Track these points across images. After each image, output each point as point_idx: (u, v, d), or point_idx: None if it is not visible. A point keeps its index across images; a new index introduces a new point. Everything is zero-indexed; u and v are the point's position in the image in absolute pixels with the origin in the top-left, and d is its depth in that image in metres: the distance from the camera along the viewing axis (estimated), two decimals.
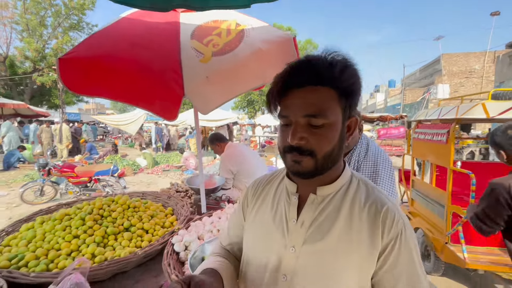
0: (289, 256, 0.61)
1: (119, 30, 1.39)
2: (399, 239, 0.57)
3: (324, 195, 0.63)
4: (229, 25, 1.45)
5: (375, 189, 0.65)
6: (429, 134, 3.03)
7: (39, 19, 16.40)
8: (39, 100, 18.71)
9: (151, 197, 2.19)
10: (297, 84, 0.56)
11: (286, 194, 0.69)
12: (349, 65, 0.57)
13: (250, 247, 0.71)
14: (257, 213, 0.72)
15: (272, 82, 0.61)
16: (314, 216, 0.62)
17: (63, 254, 1.32)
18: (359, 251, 0.57)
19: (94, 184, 5.19)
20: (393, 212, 0.59)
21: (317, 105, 0.55)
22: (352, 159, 1.38)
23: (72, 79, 1.25)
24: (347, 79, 0.56)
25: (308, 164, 0.57)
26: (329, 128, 0.57)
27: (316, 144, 0.57)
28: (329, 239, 0.59)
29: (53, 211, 1.82)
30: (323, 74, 0.55)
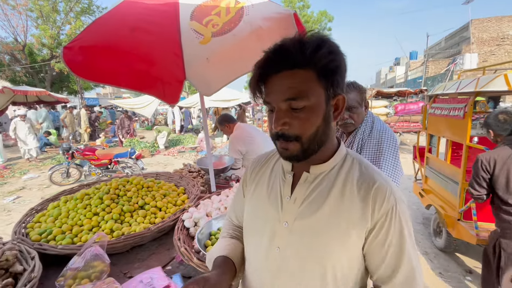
0: (282, 230, 0.65)
1: (120, 15, 1.40)
2: (390, 214, 0.59)
3: (317, 173, 0.65)
4: (228, 3, 1.41)
5: (369, 167, 0.66)
6: (445, 109, 2.89)
7: (52, 5, 16.51)
8: (59, 87, 19.36)
9: (164, 177, 2.31)
10: (274, 70, 0.57)
11: (282, 172, 0.72)
12: (324, 43, 0.56)
13: (248, 222, 0.76)
14: (255, 191, 0.76)
15: (252, 70, 0.62)
16: (306, 194, 0.65)
17: (85, 230, 1.46)
18: (348, 225, 0.59)
19: (114, 166, 5.48)
20: (384, 188, 0.60)
21: (295, 88, 0.56)
22: (356, 137, 1.36)
23: (77, 66, 1.29)
24: (323, 58, 0.55)
25: (295, 149, 0.60)
26: (311, 110, 0.57)
27: (300, 128, 0.58)
28: (319, 215, 0.62)
29: (75, 191, 1.97)
30: (297, 57, 0.55)
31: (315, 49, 0.55)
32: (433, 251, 3.09)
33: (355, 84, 1.36)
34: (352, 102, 1.32)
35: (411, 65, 27.90)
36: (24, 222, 1.57)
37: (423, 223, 3.76)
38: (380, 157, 1.27)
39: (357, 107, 1.34)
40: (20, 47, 16.68)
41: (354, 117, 1.34)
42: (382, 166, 1.24)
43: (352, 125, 1.36)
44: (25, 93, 10.37)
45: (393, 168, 1.26)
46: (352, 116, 1.34)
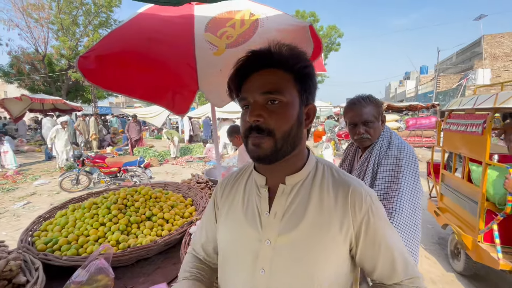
0: (265, 249, 0.62)
1: (136, 26, 1.42)
2: (370, 212, 0.61)
3: (293, 183, 0.64)
4: (243, 16, 1.42)
5: (340, 172, 0.67)
6: (462, 125, 2.79)
7: (72, 18, 17.34)
8: (74, 95, 20.03)
9: (173, 187, 2.28)
10: (254, 68, 0.60)
11: (256, 187, 0.68)
12: (301, 53, 0.62)
13: (225, 247, 0.70)
14: (228, 212, 0.71)
15: (232, 69, 0.63)
16: (286, 206, 0.63)
17: (91, 240, 1.43)
18: (331, 234, 0.59)
19: (123, 174, 5.52)
20: (359, 190, 0.62)
21: (273, 83, 0.59)
22: (373, 153, 1.30)
23: (91, 73, 1.30)
24: (300, 63, 0.60)
25: (268, 145, 0.58)
26: (286, 106, 0.59)
27: (274, 122, 0.58)
28: (301, 226, 0.60)
29: (83, 199, 1.96)
30: (276, 57, 0.59)
31: (294, 54, 0.60)
32: (450, 274, 2.92)
33: (371, 98, 1.32)
34: (368, 116, 1.27)
35: (422, 79, 27.65)
36: (31, 230, 1.56)
37: (439, 243, 3.58)
38: (399, 174, 1.20)
39: (373, 121, 1.28)
40: (40, 57, 17.45)
41: (370, 132, 1.29)
42: (402, 184, 1.17)
43: (368, 140, 1.30)
44: (42, 101, 10.76)
45: (413, 186, 1.18)
46: (368, 131, 1.29)
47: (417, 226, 1.18)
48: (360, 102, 1.29)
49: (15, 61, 16.79)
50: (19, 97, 9.80)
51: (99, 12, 17.84)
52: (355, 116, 1.29)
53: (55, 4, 16.83)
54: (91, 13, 17.69)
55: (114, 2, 17.60)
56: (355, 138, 1.33)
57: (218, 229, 0.74)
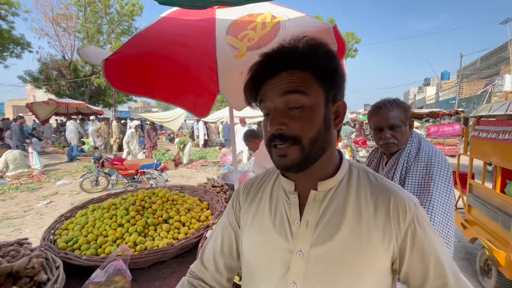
0: (297, 261, 0.56)
1: (159, 30, 1.45)
2: (416, 221, 0.54)
3: (326, 190, 0.58)
4: (264, 18, 1.41)
5: (378, 177, 0.61)
6: (493, 132, 2.62)
7: (97, 27, 18.27)
8: (96, 100, 20.93)
9: (189, 191, 2.28)
10: (270, 74, 0.55)
11: (284, 193, 0.63)
12: (320, 45, 0.55)
13: (251, 258, 0.64)
14: (254, 220, 0.65)
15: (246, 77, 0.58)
16: (319, 214, 0.57)
17: (109, 241, 1.43)
18: (372, 246, 0.53)
19: (140, 177, 5.64)
20: (401, 196, 0.56)
21: (292, 84, 0.53)
22: (400, 159, 1.23)
23: (115, 78, 1.33)
24: (320, 59, 0.54)
25: (295, 154, 0.53)
26: (309, 110, 0.54)
27: (299, 128, 0.53)
28: (338, 237, 0.54)
29: (103, 200, 2.00)
30: (293, 57, 0.54)
31: (311, 50, 0.54)
32: None
33: (398, 101, 1.26)
34: (395, 120, 1.21)
35: (443, 85, 26.63)
36: (53, 229, 1.59)
37: (466, 258, 3.35)
38: (429, 182, 1.12)
39: (400, 126, 1.22)
40: (66, 64, 18.45)
41: (397, 137, 1.22)
42: (433, 194, 1.09)
43: (395, 145, 1.23)
44: (67, 105, 11.32)
45: (445, 196, 1.10)
46: (394, 136, 1.22)
47: (449, 240, 1.09)
48: (386, 106, 1.23)
49: (44, 68, 17.84)
50: (46, 101, 10.36)
51: (122, 20, 18.68)
52: (381, 120, 1.23)
53: (82, 14, 17.82)
54: (115, 22, 18.56)
55: (136, 11, 18.39)
56: (380, 143, 1.26)
57: (243, 239, 0.68)
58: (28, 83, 19.33)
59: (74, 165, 9.16)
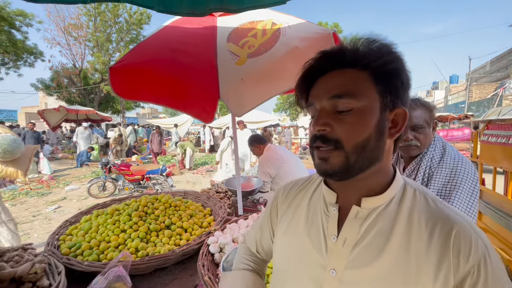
0: (329, 279, 0.51)
1: (161, 38, 1.48)
2: (482, 267, 0.43)
3: (371, 207, 0.52)
4: (264, 25, 1.42)
5: (438, 202, 0.51)
6: (503, 136, 2.56)
7: (106, 36, 18.79)
8: (105, 106, 21.40)
9: (192, 196, 2.28)
10: (321, 71, 0.51)
11: (324, 204, 0.58)
12: (382, 43, 0.50)
13: (282, 264, 0.62)
14: (289, 224, 0.62)
15: (299, 73, 0.55)
16: (360, 234, 0.51)
17: (111, 246, 1.44)
18: (421, 282, 0.45)
19: (146, 182, 5.68)
20: (469, 232, 0.46)
21: (343, 85, 0.49)
22: (422, 164, 1.12)
23: (120, 86, 1.35)
24: (379, 57, 0.48)
25: (336, 159, 0.48)
26: (359, 113, 0.48)
27: (343, 132, 0.48)
28: (378, 265, 0.48)
29: (107, 205, 2.02)
30: (348, 54, 0.50)
31: (370, 47, 0.49)
32: None
33: (421, 100, 1.16)
34: (418, 120, 1.10)
35: (452, 89, 26.21)
36: (57, 234, 1.61)
37: None
38: (452, 192, 1.03)
39: (424, 127, 1.11)
40: (77, 72, 18.98)
41: (420, 138, 1.11)
42: (454, 203, 1.01)
43: (416, 148, 1.12)
44: (77, 112, 11.56)
45: (468, 208, 1.01)
46: (417, 137, 1.11)
47: None
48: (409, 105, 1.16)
49: (55, 76, 18.39)
50: (57, 108, 10.61)
51: (130, 29, 19.16)
52: None
53: (92, 24, 18.38)
54: (123, 31, 19.06)
55: (143, 20, 18.86)
56: (400, 145, 1.17)
57: (276, 241, 0.65)
58: (40, 91, 19.92)
59: (83, 170, 9.31)
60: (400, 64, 0.50)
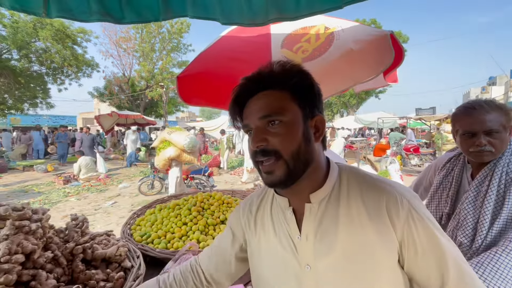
0: (307, 275, 0.58)
1: (219, 48, 1.61)
2: (410, 219, 0.54)
3: (319, 200, 0.60)
4: (317, 30, 1.47)
5: (366, 176, 0.61)
6: None
7: (151, 46, 20.42)
8: (149, 111, 23.19)
9: (240, 195, 2.40)
10: (250, 94, 0.60)
11: (281, 210, 0.65)
12: (293, 66, 0.60)
13: (267, 275, 0.66)
14: (260, 238, 0.68)
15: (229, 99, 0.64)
16: (315, 226, 0.58)
17: (176, 237, 1.60)
18: (374, 248, 0.54)
19: (189, 182, 6.04)
20: (393, 194, 0.55)
21: (270, 105, 0.58)
22: (497, 170, 1.04)
23: (186, 93, 1.51)
24: (293, 77, 0.58)
25: (281, 170, 0.56)
26: (287, 125, 0.57)
27: (279, 143, 0.56)
28: (337, 247, 0.55)
29: (166, 201, 2.23)
30: (267, 78, 0.59)
31: (284, 70, 0.59)
32: None
33: (496, 102, 1.09)
34: (493, 124, 1.02)
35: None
36: (129, 224, 1.83)
37: None
38: None
39: (500, 132, 1.03)
40: (125, 80, 20.90)
41: (495, 144, 1.03)
42: None
43: (490, 154, 1.04)
44: (126, 117, 12.72)
45: None
46: (492, 143, 1.03)
47: None
48: (482, 107, 1.05)
49: (108, 84, 20.46)
50: (110, 113, 11.81)
51: (172, 38, 20.53)
52: (475, 123, 1.04)
53: (139, 35, 20.11)
54: (165, 40, 20.50)
55: (184, 29, 20.08)
56: (471, 151, 1.08)
57: (251, 258, 0.71)
58: (95, 98, 22.33)
59: (132, 170, 10.20)
60: (310, 79, 0.60)
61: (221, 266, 0.76)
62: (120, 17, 1.23)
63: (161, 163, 4.80)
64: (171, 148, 4.69)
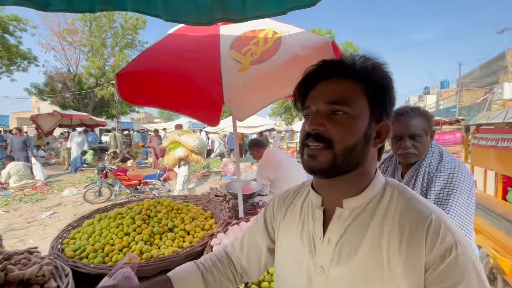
0: (318, 277, 0.57)
1: (166, 46, 1.53)
2: (447, 259, 0.46)
3: (352, 207, 0.56)
4: (266, 34, 1.49)
5: (413, 199, 0.54)
6: (492, 139, 2.66)
7: (101, 41, 18.79)
8: (100, 111, 21.25)
9: (193, 200, 2.31)
10: (321, 77, 0.56)
11: (312, 207, 0.63)
12: (374, 61, 0.56)
13: (281, 267, 0.67)
14: (285, 231, 0.68)
15: (299, 77, 0.60)
16: (341, 233, 0.55)
17: (116, 249, 1.46)
18: (395, 275, 0.49)
19: (143, 187, 5.66)
20: (438, 226, 0.48)
21: (340, 92, 0.54)
22: (420, 171, 1.17)
23: (127, 91, 1.40)
24: (373, 73, 0.55)
25: (325, 158, 0.52)
26: (352, 118, 0.53)
27: (336, 133, 0.52)
28: (356, 259, 0.52)
29: (109, 209, 2.03)
30: (347, 66, 0.55)
31: (367, 63, 0.56)
32: None
33: (420, 109, 1.21)
34: (416, 129, 1.15)
35: (443, 94, 26.84)
36: (61, 238, 1.62)
37: None
38: (450, 196, 1.07)
39: (421, 136, 1.16)
40: (71, 77, 18.87)
41: (418, 147, 1.15)
42: (451, 207, 1.05)
43: (414, 156, 1.17)
44: (70, 117, 11.47)
45: (465, 211, 1.05)
46: (415, 146, 1.15)
47: None
48: (408, 113, 1.17)
49: (49, 80, 18.22)
50: (51, 113, 10.52)
51: (126, 34, 19.19)
52: (402, 128, 1.16)
53: (87, 28, 18.36)
54: (119, 35, 19.08)
55: (139, 25, 18.93)
56: (398, 153, 1.21)
57: (276, 250, 0.71)
58: (33, 96, 19.69)
59: (77, 176, 9.20)
60: (390, 82, 0.56)
61: (252, 257, 0.76)
62: (44, 3, 1.08)
63: (171, 162, 5.23)
64: (180, 149, 5.07)
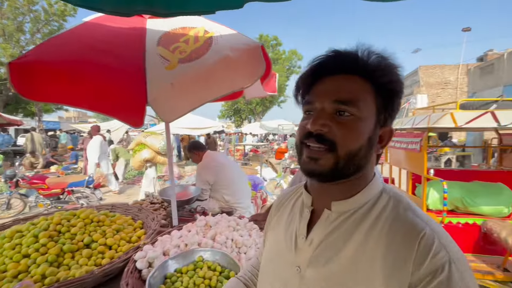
0: (293, 276, 0.54)
1: (81, 35, 1.34)
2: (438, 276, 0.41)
3: (341, 211, 0.53)
4: (197, 32, 1.42)
5: (409, 210, 0.50)
6: (404, 142, 3.10)
7: (17, 25, 15.85)
8: (15, 108, 17.89)
9: (121, 209, 2.08)
10: (329, 71, 0.51)
11: (301, 207, 0.61)
12: (390, 61, 0.51)
13: (263, 265, 0.67)
14: (273, 228, 0.68)
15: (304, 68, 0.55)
16: (324, 235, 0.53)
17: (8, 276, 1.19)
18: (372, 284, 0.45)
19: (67, 196, 4.92)
20: (431, 241, 0.44)
21: (349, 92, 0.49)
22: None
23: (24, 84, 1.17)
24: (386, 74, 0.50)
25: (326, 161, 0.48)
26: (359, 121, 0.49)
27: (341, 135, 0.48)
28: (334, 263, 0.49)
29: (8, 227, 1.67)
30: (359, 63, 0.50)
31: (381, 62, 0.51)
32: None
33: None
34: None
35: None
36: None
37: None
38: None
39: None
40: None
41: None
42: None
43: None
44: None
45: None
46: None
47: None
48: None
49: None
50: None
51: (50, 20, 16.65)
52: None
53: None
54: (41, 21, 16.42)
55: (68, 11, 16.61)
56: None
57: (265, 245, 0.71)
58: None
59: None
60: (401, 87, 0.52)
61: None
62: None
63: (137, 164, 5.24)
64: (146, 150, 5.06)
